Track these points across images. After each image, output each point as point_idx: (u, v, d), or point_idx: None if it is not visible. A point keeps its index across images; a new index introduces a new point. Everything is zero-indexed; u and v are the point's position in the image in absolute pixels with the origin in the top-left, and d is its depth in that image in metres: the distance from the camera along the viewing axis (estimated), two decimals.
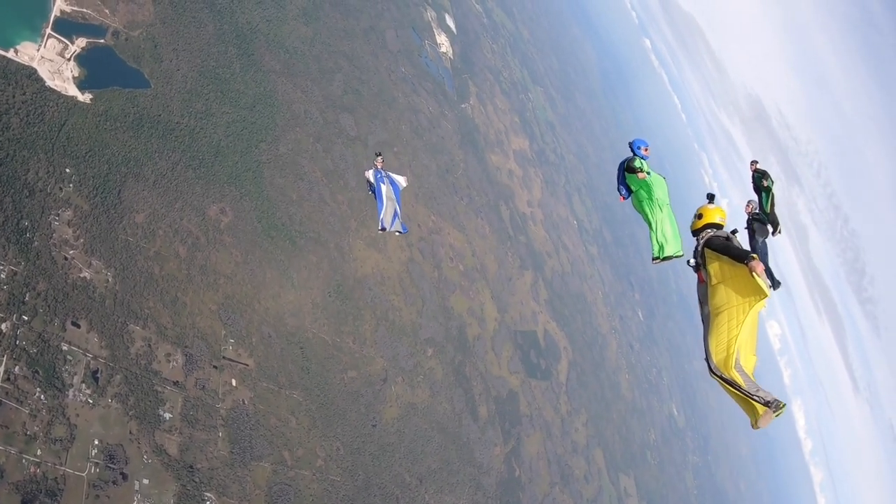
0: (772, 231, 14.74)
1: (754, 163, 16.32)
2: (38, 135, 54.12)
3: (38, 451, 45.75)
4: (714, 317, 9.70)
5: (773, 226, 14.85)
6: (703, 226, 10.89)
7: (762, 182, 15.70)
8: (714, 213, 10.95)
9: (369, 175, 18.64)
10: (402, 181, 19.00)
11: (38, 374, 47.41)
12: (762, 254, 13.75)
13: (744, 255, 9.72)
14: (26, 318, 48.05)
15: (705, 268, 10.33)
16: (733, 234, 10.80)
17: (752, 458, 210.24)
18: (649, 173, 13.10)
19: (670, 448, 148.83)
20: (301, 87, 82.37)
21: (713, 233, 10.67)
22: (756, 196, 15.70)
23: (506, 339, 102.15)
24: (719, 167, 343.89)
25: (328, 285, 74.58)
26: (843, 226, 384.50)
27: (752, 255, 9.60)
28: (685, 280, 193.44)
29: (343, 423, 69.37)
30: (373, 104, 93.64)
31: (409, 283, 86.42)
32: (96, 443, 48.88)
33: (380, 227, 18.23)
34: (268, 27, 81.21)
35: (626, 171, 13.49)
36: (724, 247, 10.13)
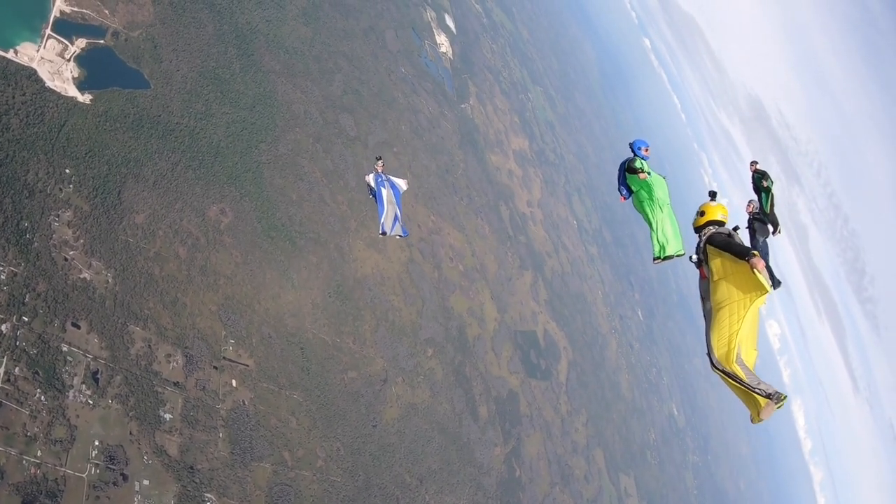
0: (772, 231, 14.81)
1: (754, 163, 16.35)
2: (37, 135, 54.11)
3: (39, 453, 45.74)
4: (716, 312, 9.85)
5: (773, 226, 14.93)
6: (706, 223, 10.99)
7: (762, 182, 15.74)
8: (716, 211, 11.07)
9: (370, 179, 18.66)
10: (402, 184, 19.03)
11: (39, 375, 47.41)
12: (763, 253, 13.81)
13: (745, 251, 9.81)
14: (26, 319, 48.05)
15: (707, 264, 10.45)
16: (735, 230, 10.89)
17: (752, 457, 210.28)
18: (650, 173, 13.12)
19: (670, 448, 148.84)
20: (301, 88, 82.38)
21: (715, 230, 10.77)
22: (756, 196, 15.73)
23: (506, 339, 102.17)
24: (719, 167, 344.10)
25: (328, 286, 74.58)
26: (843, 225, 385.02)
27: (753, 252, 9.68)
28: (685, 280, 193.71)
29: (343, 424, 69.38)
30: (372, 104, 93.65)
31: (409, 284, 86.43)
32: (96, 444, 48.87)
33: (380, 232, 18.28)
34: (267, 27, 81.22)
35: (627, 171, 13.51)
36: (725, 243, 10.23)
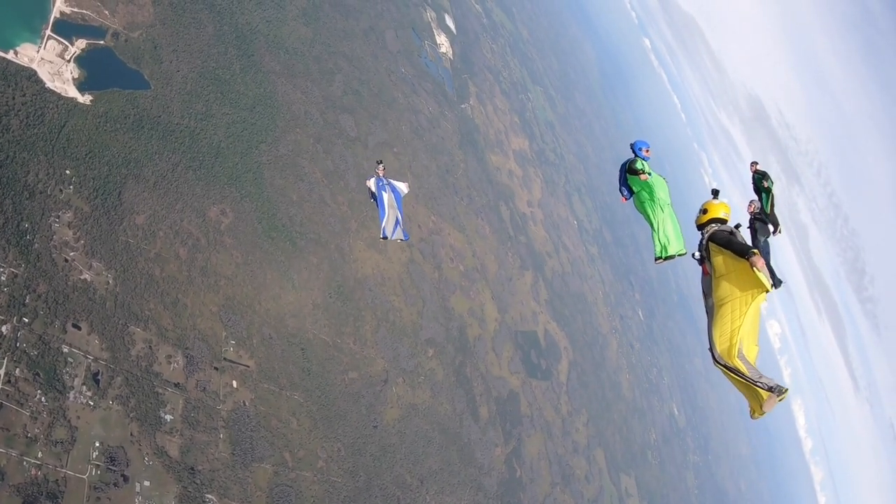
0: (772, 231, 14.88)
1: (754, 164, 16.42)
2: (37, 136, 54.10)
3: (39, 454, 45.70)
4: (718, 308, 10.02)
5: (774, 225, 15.01)
6: (708, 220, 11.13)
7: (762, 183, 15.79)
8: (718, 209, 11.21)
9: (371, 184, 18.69)
10: (403, 188, 19.05)
11: (39, 376, 47.38)
12: (764, 253, 13.83)
13: (745, 249, 9.95)
14: (27, 320, 48.02)
15: (710, 261, 10.60)
16: (737, 228, 11.01)
17: (753, 457, 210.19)
18: (650, 174, 13.17)
19: (671, 448, 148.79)
20: (301, 88, 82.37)
21: (717, 227, 10.91)
22: (756, 197, 15.77)
23: (506, 339, 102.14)
24: (719, 167, 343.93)
25: (329, 286, 74.56)
26: (844, 225, 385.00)
27: (753, 251, 9.82)
28: (685, 280, 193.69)
29: (344, 425, 69.36)
30: (373, 105, 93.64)
31: (409, 284, 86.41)
32: (97, 445, 48.83)
33: (382, 236, 18.30)
34: (268, 28, 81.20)
35: (628, 172, 13.57)
36: (727, 241, 10.38)
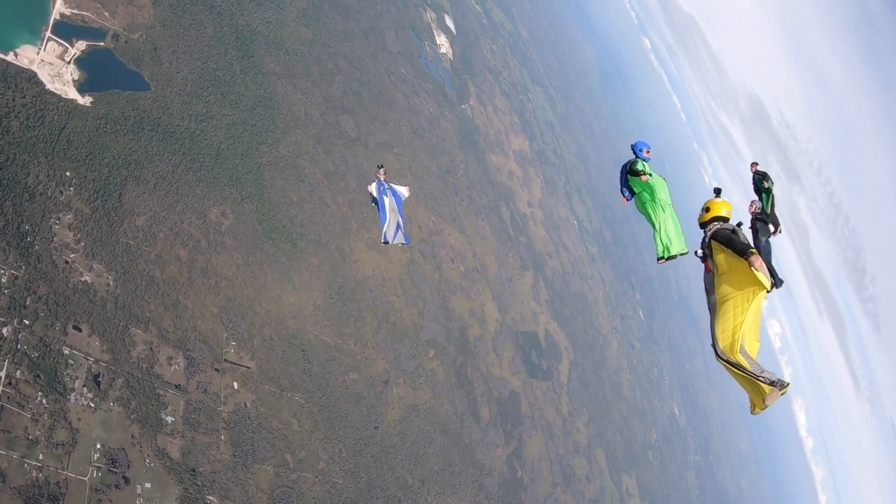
0: (773, 231, 14.94)
1: (755, 164, 16.52)
2: (38, 138, 54.06)
3: (40, 456, 45.65)
4: (720, 305, 10.25)
5: (774, 226, 15.08)
6: (711, 219, 11.31)
7: (763, 184, 15.90)
8: (721, 207, 11.38)
9: (372, 189, 18.70)
10: (404, 192, 19.06)
11: (40, 378, 47.34)
12: (765, 253, 13.89)
13: (744, 249, 10.15)
14: (27, 322, 47.99)
15: (712, 258, 10.80)
16: (738, 226, 11.19)
17: (754, 456, 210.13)
18: (651, 175, 13.24)
19: (672, 448, 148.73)
20: (301, 89, 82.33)
21: (720, 226, 11.09)
22: (757, 197, 15.86)
23: (507, 339, 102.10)
24: (719, 166, 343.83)
25: (329, 287, 74.52)
26: (844, 224, 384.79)
27: (752, 250, 10.02)
28: (686, 280, 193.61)
29: (345, 426, 69.32)
30: (373, 105, 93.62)
31: (409, 285, 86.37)
32: (98, 447, 48.79)
33: (383, 241, 18.28)
34: (267, 29, 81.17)
35: (629, 173, 13.65)
36: (728, 239, 10.55)
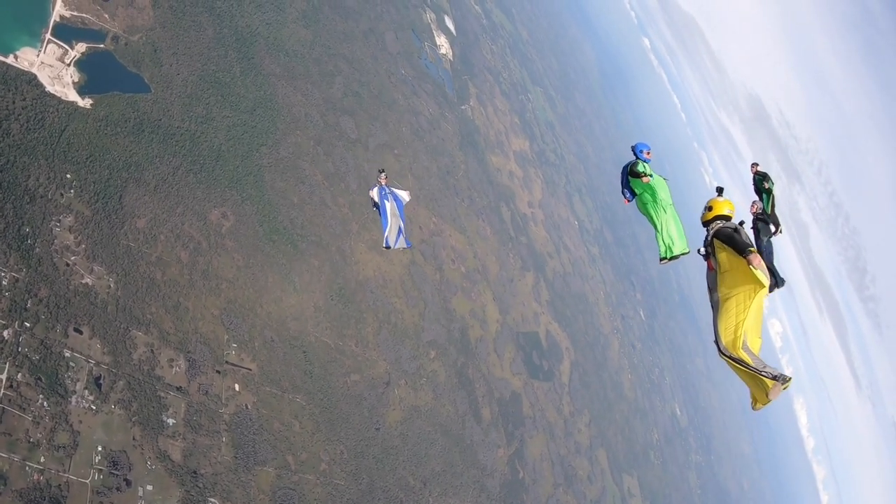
0: (773, 231, 14.98)
1: (755, 165, 16.58)
2: (38, 140, 54.03)
3: (42, 459, 45.62)
4: (723, 302, 10.39)
5: (775, 225, 15.14)
6: (713, 217, 11.43)
7: (763, 184, 15.96)
8: (723, 206, 11.50)
9: (374, 194, 18.76)
10: (405, 196, 19.16)
11: (41, 380, 47.31)
12: (767, 253, 13.95)
13: (743, 247, 10.29)
14: (28, 324, 47.96)
15: (715, 256, 10.93)
16: (741, 225, 11.30)
17: (755, 456, 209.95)
18: (651, 176, 13.29)
19: (673, 448, 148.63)
20: (301, 91, 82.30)
21: (722, 224, 11.22)
22: (757, 197, 15.92)
23: (508, 340, 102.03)
24: (719, 166, 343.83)
25: (330, 289, 74.47)
26: (845, 224, 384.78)
27: (750, 249, 10.16)
28: (686, 280, 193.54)
29: (346, 427, 69.25)
30: (373, 107, 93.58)
31: (410, 286, 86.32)
32: (100, 449, 48.77)
33: (384, 245, 18.29)
34: (267, 31, 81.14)
35: (630, 175, 13.69)
36: (729, 238, 10.69)
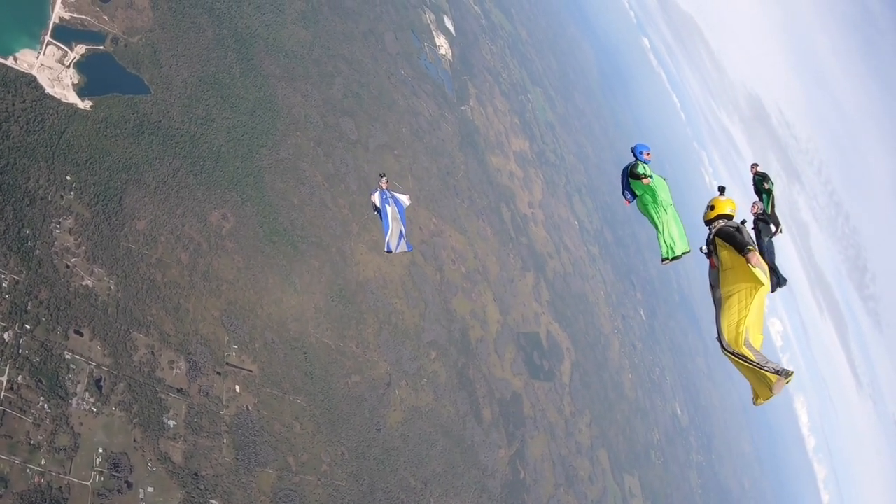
0: (774, 230, 15.05)
1: (755, 166, 16.68)
2: (38, 142, 53.98)
3: (43, 461, 45.57)
4: (725, 299, 10.57)
5: (775, 225, 15.22)
6: (716, 216, 11.59)
7: (763, 185, 16.04)
8: (725, 205, 11.65)
9: (375, 199, 18.91)
10: (405, 200, 19.37)
11: (42, 383, 47.25)
12: (769, 252, 14.06)
13: (742, 247, 10.46)
14: (28, 326, 47.90)
15: (717, 254, 11.10)
16: (742, 224, 11.43)
17: (756, 455, 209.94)
18: (651, 177, 13.34)
19: (674, 447, 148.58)
20: (301, 92, 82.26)
21: (724, 223, 11.38)
22: (757, 198, 15.99)
23: (508, 340, 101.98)
24: (719, 165, 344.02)
25: (330, 290, 74.42)
26: (845, 223, 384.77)
27: (749, 248, 10.31)
28: (686, 279, 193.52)
29: (347, 428, 69.20)
30: (373, 107, 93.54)
31: (411, 287, 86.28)
32: (100, 451, 48.73)
33: (386, 250, 18.38)
34: (267, 32, 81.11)
35: (630, 176, 13.74)
36: (730, 236, 10.86)
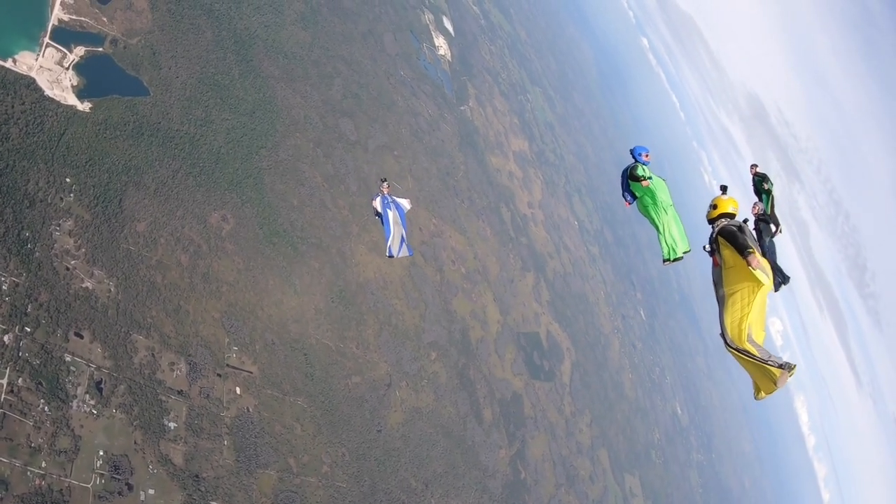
0: (774, 230, 15.14)
1: (754, 166, 16.81)
2: (37, 144, 53.95)
3: (43, 463, 45.52)
4: (728, 297, 10.76)
5: (775, 225, 15.34)
6: (718, 215, 11.76)
7: (763, 185, 16.14)
8: (727, 204, 11.82)
9: (376, 204, 18.95)
10: (406, 204, 19.42)
11: (42, 385, 47.21)
12: (770, 252, 14.20)
13: (743, 249, 10.60)
14: (29, 329, 47.85)
15: (719, 253, 11.28)
16: (745, 223, 11.59)
17: (756, 454, 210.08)
18: (651, 178, 13.39)
19: (674, 447, 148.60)
20: (300, 93, 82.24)
21: (727, 222, 11.54)
22: (757, 198, 16.08)
23: (509, 341, 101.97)
24: (718, 165, 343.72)
25: (331, 291, 74.39)
26: (845, 222, 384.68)
27: (749, 250, 10.44)
28: (686, 279, 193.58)
29: (348, 429, 69.16)
30: (372, 108, 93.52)
31: (411, 287, 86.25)
32: (101, 454, 48.67)
33: (388, 254, 18.45)
34: (266, 33, 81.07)
35: (630, 178, 13.80)
36: (731, 236, 11.03)
